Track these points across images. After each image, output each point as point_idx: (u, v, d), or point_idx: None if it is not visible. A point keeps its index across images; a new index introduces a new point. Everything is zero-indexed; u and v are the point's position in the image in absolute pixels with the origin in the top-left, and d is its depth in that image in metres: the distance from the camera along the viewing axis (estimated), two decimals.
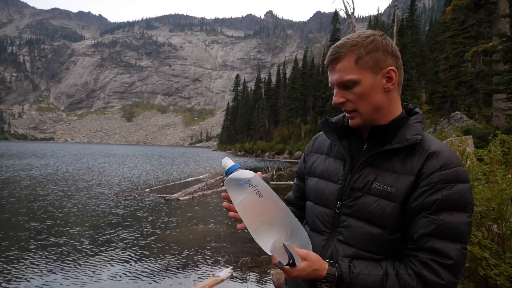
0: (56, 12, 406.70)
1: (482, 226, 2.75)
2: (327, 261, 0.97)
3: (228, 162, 0.99)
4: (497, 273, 2.34)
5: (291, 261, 0.91)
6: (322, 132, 1.21)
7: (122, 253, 6.09)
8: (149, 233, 7.49)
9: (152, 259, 5.84)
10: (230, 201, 0.98)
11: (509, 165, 3.41)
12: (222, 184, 15.56)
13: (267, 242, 0.93)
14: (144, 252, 6.20)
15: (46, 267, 5.33)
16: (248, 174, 0.96)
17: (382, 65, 1.01)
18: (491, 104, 14.38)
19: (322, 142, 1.22)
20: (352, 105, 1.02)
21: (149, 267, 5.45)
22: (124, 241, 6.79)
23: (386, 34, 0.97)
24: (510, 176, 3.06)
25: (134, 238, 7.05)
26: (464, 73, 19.45)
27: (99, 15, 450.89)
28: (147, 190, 13.47)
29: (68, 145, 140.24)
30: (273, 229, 0.94)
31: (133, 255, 6.01)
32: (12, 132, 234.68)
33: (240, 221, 0.97)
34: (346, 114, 1.07)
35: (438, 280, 0.89)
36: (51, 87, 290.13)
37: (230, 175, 0.96)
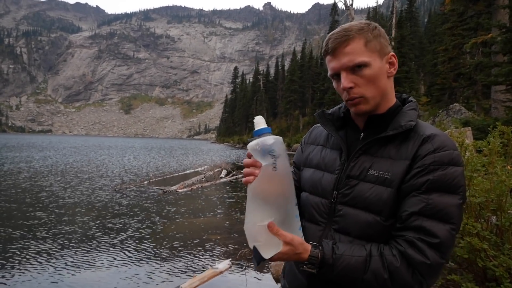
0: (53, 3, 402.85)
1: (481, 217, 2.75)
2: (310, 243, 0.95)
3: (260, 121, 0.93)
4: (496, 264, 2.34)
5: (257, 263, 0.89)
6: (319, 124, 1.22)
7: (120, 245, 6.10)
8: (147, 225, 7.49)
9: (150, 251, 5.85)
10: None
11: (508, 157, 3.40)
12: (220, 177, 15.57)
13: (252, 217, 0.92)
14: (142, 244, 6.20)
15: (45, 257, 5.33)
16: (273, 143, 0.91)
17: (386, 51, 1.02)
18: (490, 96, 14.37)
19: (318, 134, 1.22)
20: (360, 90, 1.00)
21: (147, 259, 5.46)
22: (122, 233, 6.79)
23: (385, 26, 1.03)
24: (509, 167, 3.06)
25: (132, 230, 7.06)
26: (463, 65, 19.39)
27: (96, 6, 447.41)
28: (146, 182, 13.45)
29: (67, 137, 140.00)
30: (265, 207, 0.91)
31: (131, 247, 6.01)
32: (9, 124, 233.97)
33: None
34: (349, 102, 1.03)
35: (423, 259, 0.87)
36: (48, 79, 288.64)
37: (256, 141, 0.91)
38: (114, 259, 5.43)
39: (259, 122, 0.93)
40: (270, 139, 0.91)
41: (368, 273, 0.90)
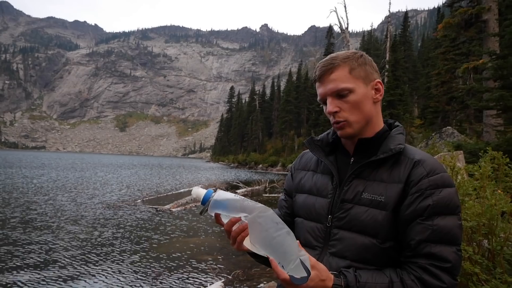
0: (51, 21, 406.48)
1: (473, 241, 2.77)
2: (331, 273, 0.94)
3: (199, 192, 0.94)
4: None
5: (308, 275, 0.86)
6: (307, 150, 1.25)
7: (111, 265, 6.01)
8: (139, 244, 7.41)
9: (142, 271, 5.77)
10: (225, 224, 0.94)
11: (499, 181, 3.45)
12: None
13: (288, 250, 0.86)
14: (133, 264, 6.12)
15: (36, 280, 5.23)
16: (225, 199, 0.92)
17: (371, 77, 1.07)
18: (482, 119, 14.59)
19: (308, 160, 1.24)
20: (345, 115, 1.04)
21: (137, 280, 5.38)
22: (114, 253, 6.70)
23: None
24: (500, 191, 3.10)
25: (124, 249, 6.97)
26: (455, 89, 19.74)
27: (95, 24, 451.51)
28: (139, 200, 13.35)
29: (61, 154, 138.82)
30: (290, 235, 0.87)
31: (122, 267, 5.93)
32: (3, 140, 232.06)
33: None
34: (335, 125, 1.07)
35: (440, 284, 0.91)
36: (44, 96, 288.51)
37: (219, 197, 0.92)
38: (104, 279, 5.34)
39: (198, 193, 0.94)
40: (223, 192, 0.92)
41: None
